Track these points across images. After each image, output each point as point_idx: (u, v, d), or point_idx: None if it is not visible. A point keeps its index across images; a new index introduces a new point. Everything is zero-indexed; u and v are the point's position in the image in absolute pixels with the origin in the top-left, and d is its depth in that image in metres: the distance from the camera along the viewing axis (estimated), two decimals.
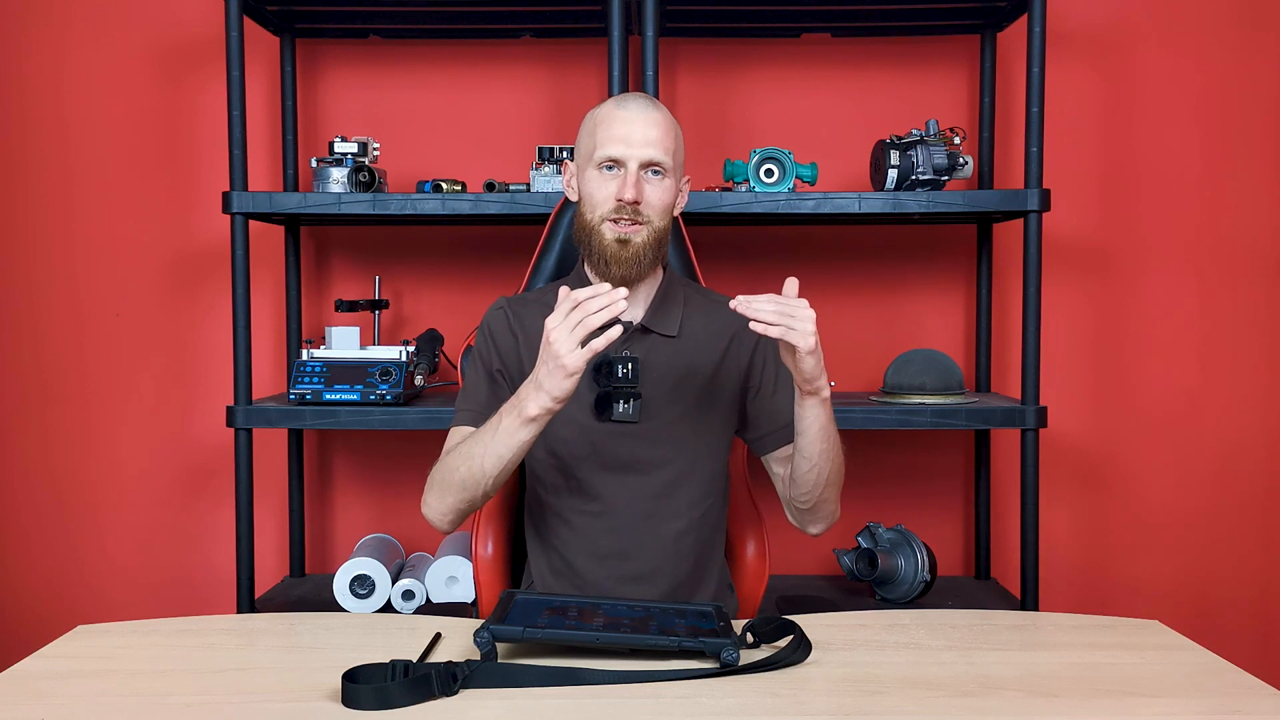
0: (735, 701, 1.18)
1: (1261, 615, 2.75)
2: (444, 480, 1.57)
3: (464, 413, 1.64)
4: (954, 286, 2.73)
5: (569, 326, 1.39)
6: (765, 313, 1.41)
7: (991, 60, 2.62)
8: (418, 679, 1.18)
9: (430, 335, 2.56)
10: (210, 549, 2.74)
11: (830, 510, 1.64)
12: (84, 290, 2.73)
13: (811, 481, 1.58)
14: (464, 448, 1.55)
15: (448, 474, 1.56)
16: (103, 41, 2.70)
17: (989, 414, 2.31)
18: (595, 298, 1.38)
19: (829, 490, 1.60)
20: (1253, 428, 2.73)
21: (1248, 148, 2.69)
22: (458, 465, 1.54)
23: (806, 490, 1.59)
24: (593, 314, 1.38)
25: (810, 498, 1.60)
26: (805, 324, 1.44)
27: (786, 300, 1.44)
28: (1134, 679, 1.26)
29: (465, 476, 1.53)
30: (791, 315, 1.43)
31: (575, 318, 1.39)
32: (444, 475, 1.57)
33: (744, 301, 1.42)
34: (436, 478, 1.59)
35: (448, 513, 1.59)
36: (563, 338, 1.39)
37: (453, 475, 1.55)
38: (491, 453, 1.50)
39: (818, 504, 1.61)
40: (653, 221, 1.60)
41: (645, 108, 1.60)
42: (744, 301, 1.42)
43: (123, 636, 1.42)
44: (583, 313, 1.38)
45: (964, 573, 2.76)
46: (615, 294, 1.38)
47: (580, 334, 1.38)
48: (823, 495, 1.60)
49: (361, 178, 2.37)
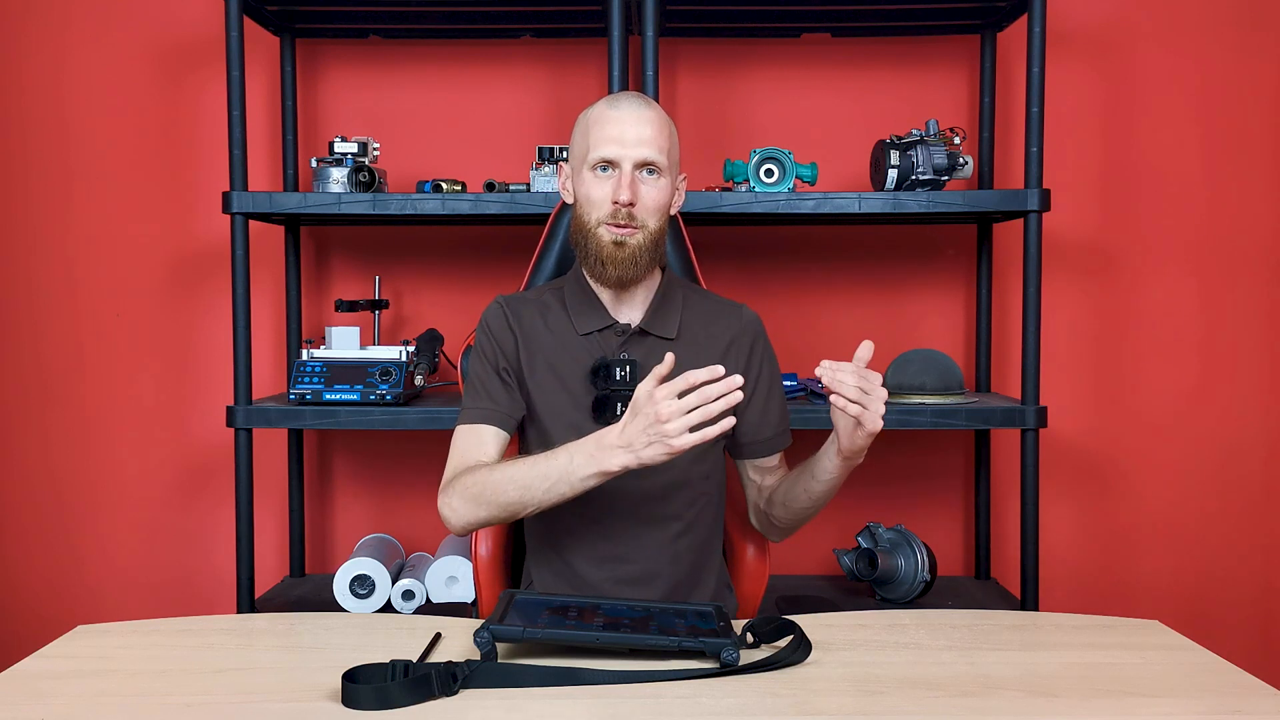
0: (735, 701, 1.18)
1: (1261, 615, 2.75)
2: (486, 498, 1.52)
3: (474, 410, 1.63)
4: (954, 286, 2.73)
5: (683, 409, 1.36)
6: (848, 388, 1.41)
7: (991, 60, 2.62)
8: (418, 679, 1.18)
9: (430, 335, 2.56)
10: (210, 549, 2.74)
11: (798, 527, 1.69)
12: (84, 290, 2.73)
13: (803, 515, 1.63)
14: (517, 474, 1.49)
15: (492, 493, 1.51)
16: (103, 41, 2.70)
17: (989, 414, 2.31)
18: (715, 383, 1.36)
19: (803, 522, 1.66)
20: (1253, 428, 2.73)
21: (1248, 148, 2.69)
22: (506, 488, 1.50)
23: (791, 518, 1.65)
24: (713, 401, 1.36)
25: (790, 523, 1.66)
26: (878, 405, 1.43)
27: (867, 376, 1.43)
28: (1134, 679, 1.26)
29: (514, 501, 1.50)
30: (869, 395, 1.42)
31: (692, 402, 1.36)
32: (486, 493, 1.52)
33: (829, 371, 1.41)
34: (473, 490, 1.53)
35: (475, 524, 1.56)
36: (676, 417, 1.36)
37: (498, 496, 1.51)
38: (554, 491, 1.47)
39: (791, 526, 1.67)
40: (648, 223, 1.59)
41: (638, 106, 1.60)
42: (829, 371, 1.41)
43: (123, 636, 1.42)
44: (702, 399, 1.36)
45: (964, 573, 2.76)
46: (732, 381, 1.36)
47: (695, 419, 1.36)
48: (794, 526, 1.66)
49: (361, 178, 2.37)
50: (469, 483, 1.54)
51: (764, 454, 1.69)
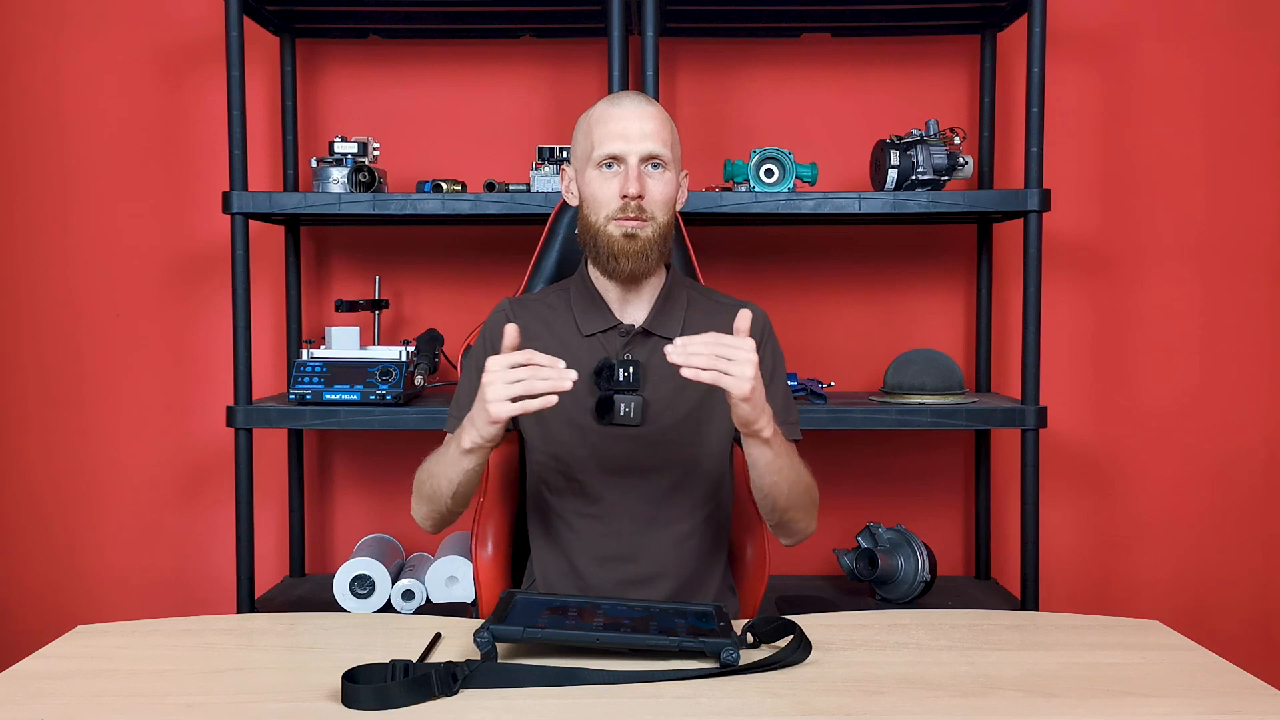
0: (735, 701, 1.18)
1: (1261, 615, 2.75)
2: (418, 490, 1.63)
3: (453, 419, 1.64)
4: (954, 286, 2.73)
5: (509, 379, 1.37)
6: (698, 358, 1.37)
7: (991, 60, 2.62)
8: (418, 679, 1.17)
9: (430, 335, 2.56)
10: (210, 549, 2.74)
11: (800, 529, 1.64)
12: (84, 290, 2.73)
13: (767, 508, 1.59)
14: (429, 463, 1.59)
15: (420, 485, 1.61)
16: (102, 41, 2.70)
17: (989, 414, 2.31)
18: (549, 368, 1.36)
19: (792, 514, 1.60)
20: (1253, 428, 2.73)
21: (1248, 147, 2.69)
22: (424, 480, 1.60)
23: (765, 513, 1.61)
24: (539, 381, 1.36)
25: (770, 520, 1.62)
26: (743, 368, 1.38)
27: (725, 342, 1.39)
28: (1134, 679, 1.26)
29: (430, 492, 1.58)
30: (728, 359, 1.38)
31: (519, 374, 1.37)
32: (418, 485, 1.62)
33: (679, 347, 1.37)
34: (415, 485, 1.63)
35: (425, 519, 1.64)
36: (498, 386, 1.37)
37: (422, 488, 1.61)
38: (444, 475, 1.54)
39: (781, 524, 1.63)
40: (657, 216, 1.59)
41: (639, 103, 1.61)
42: (679, 347, 1.37)
43: (123, 636, 1.42)
44: (531, 374, 1.36)
45: (964, 573, 2.76)
46: (567, 374, 1.35)
47: (517, 391, 1.36)
48: (785, 518, 1.60)
49: (361, 178, 2.37)
50: (416, 481, 1.63)
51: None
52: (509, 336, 1.42)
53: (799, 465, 1.57)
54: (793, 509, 1.59)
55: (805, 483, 1.58)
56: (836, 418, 2.30)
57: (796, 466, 1.56)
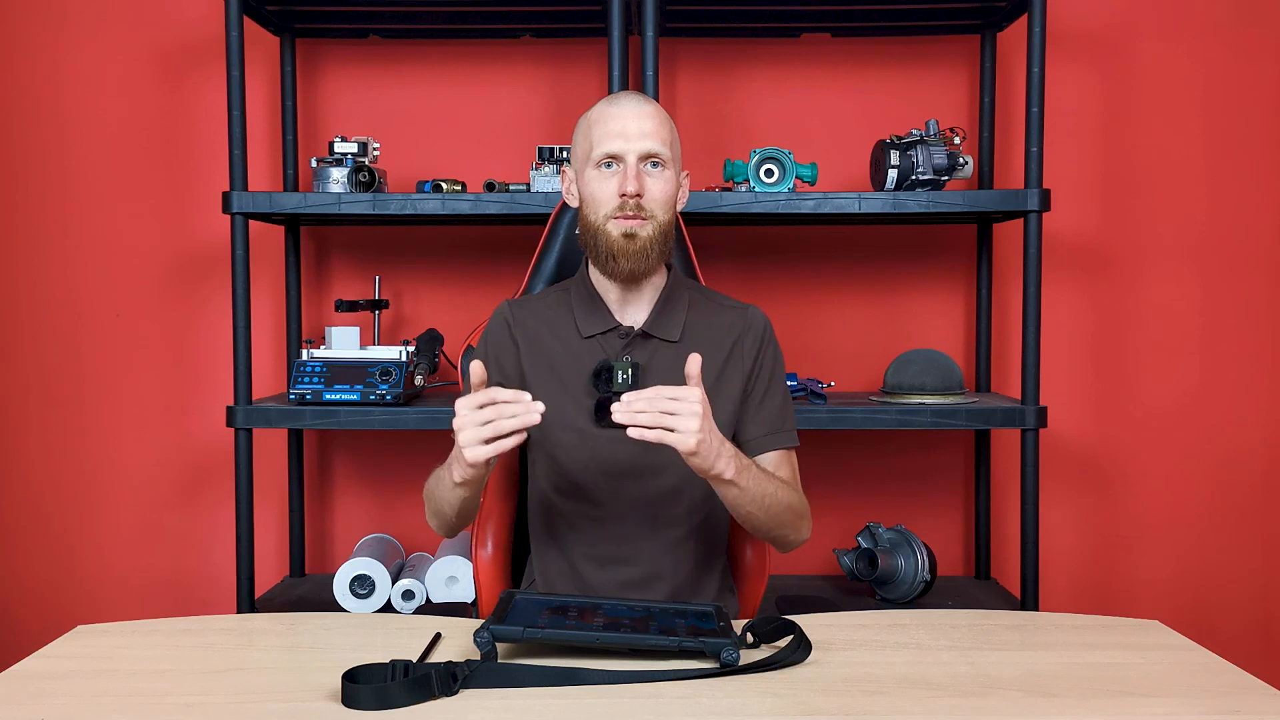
0: (735, 701, 1.18)
1: (1261, 615, 2.75)
2: (427, 503, 1.63)
3: None
4: (954, 286, 2.73)
5: (478, 420, 1.36)
6: (642, 415, 1.35)
7: (991, 60, 2.62)
8: (418, 679, 1.17)
9: (430, 335, 2.56)
10: (210, 549, 2.74)
11: (790, 541, 1.65)
12: (84, 290, 2.73)
13: (750, 530, 1.61)
14: (434, 481, 1.59)
15: (428, 499, 1.62)
16: (102, 41, 2.70)
17: (989, 414, 2.31)
18: (514, 404, 1.35)
19: (777, 532, 1.61)
20: (1253, 428, 2.73)
21: (1248, 147, 2.69)
22: (430, 496, 1.61)
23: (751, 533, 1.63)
24: (506, 420, 1.35)
25: (758, 537, 1.64)
26: (687, 421, 1.36)
27: (669, 395, 1.37)
28: (1134, 679, 1.26)
29: (436, 509, 1.60)
30: (673, 414, 1.37)
31: (487, 415, 1.36)
32: (427, 498, 1.63)
33: (623, 406, 1.35)
34: (425, 495, 1.64)
35: (438, 529, 1.65)
36: (469, 431, 1.36)
37: (430, 503, 1.62)
38: (444, 500, 1.55)
39: (769, 540, 1.65)
40: (656, 215, 1.59)
41: (638, 102, 1.61)
42: (623, 406, 1.35)
43: (123, 636, 1.42)
44: (496, 414, 1.35)
45: (964, 573, 2.76)
46: (534, 407, 1.35)
47: (488, 433, 1.36)
48: (770, 536, 1.62)
49: (361, 178, 2.37)
50: (425, 493, 1.64)
51: (753, 452, 1.68)
52: (475, 374, 1.41)
53: (775, 489, 1.55)
54: (776, 528, 1.59)
55: (785, 503, 1.57)
56: (836, 418, 2.30)
57: (772, 493, 1.54)
